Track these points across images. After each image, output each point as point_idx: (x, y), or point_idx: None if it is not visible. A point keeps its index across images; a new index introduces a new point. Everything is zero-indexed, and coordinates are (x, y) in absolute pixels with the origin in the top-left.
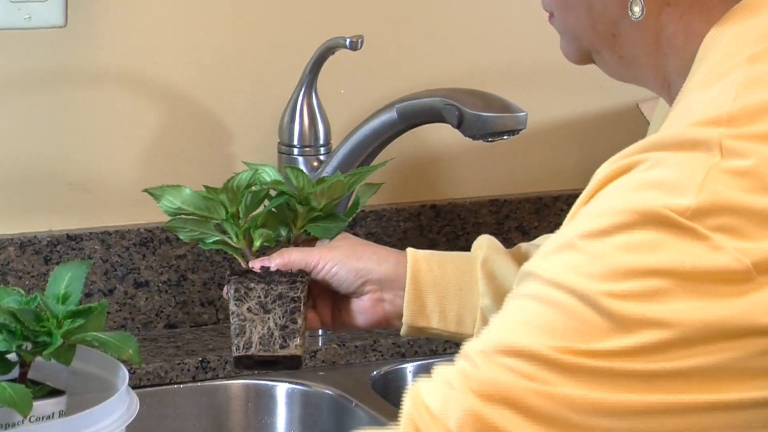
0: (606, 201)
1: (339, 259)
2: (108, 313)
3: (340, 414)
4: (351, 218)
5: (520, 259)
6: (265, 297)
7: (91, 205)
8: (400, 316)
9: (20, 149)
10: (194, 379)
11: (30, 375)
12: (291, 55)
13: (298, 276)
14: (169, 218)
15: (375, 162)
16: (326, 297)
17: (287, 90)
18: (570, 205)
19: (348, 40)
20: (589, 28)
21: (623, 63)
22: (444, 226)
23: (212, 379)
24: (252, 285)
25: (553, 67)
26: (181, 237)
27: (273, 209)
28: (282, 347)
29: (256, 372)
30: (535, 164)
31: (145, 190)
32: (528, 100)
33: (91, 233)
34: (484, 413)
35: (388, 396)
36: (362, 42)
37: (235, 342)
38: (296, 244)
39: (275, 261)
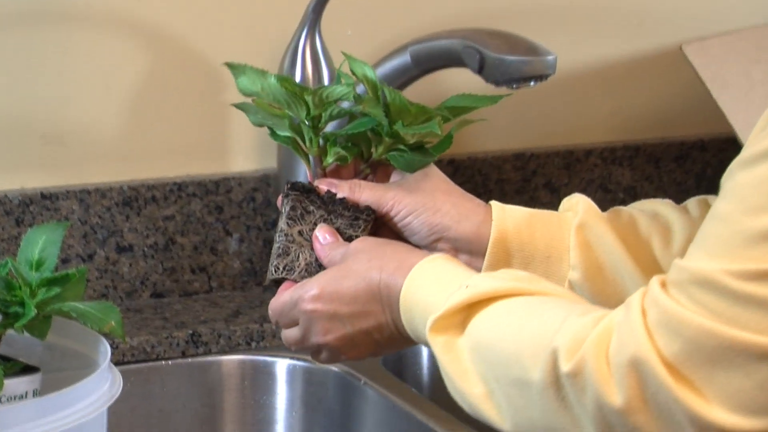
0: None
1: (414, 207)
2: (87, 280)
3: (347, 393)
4: (439, 154)
5: (620, 227)
6: None
7: (67, 161)
8: None
9: None
10: (184, 355)
11: (0, 350)
12: None
13: (363, 213)
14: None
15: None
16: (390, 235)
17: (288, 31)
18: (604, 159)
19: None
20: None
21: None
22: (463, 183)
23: (204, 354)
24: (311, 208)
25: (585, 5)
26: (249, 119)
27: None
28: None
29: None
30: (565, 114)
31: (226, 64)
32: (557, 42)
33: (68, 192)
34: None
35: (402, 374)
36: None
37: (275, 262)
38: (372, 167)
39: (344, 193)
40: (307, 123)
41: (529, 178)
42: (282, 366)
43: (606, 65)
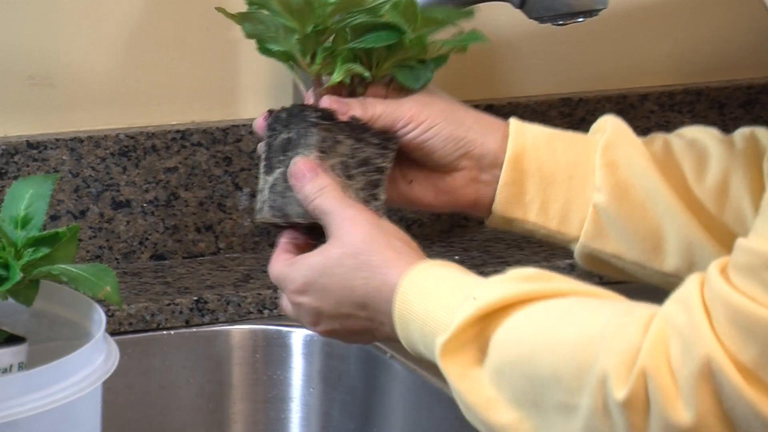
0: None
1: (436, 120)
2: (80, 240)
3: (371, 367)
4: (438, 67)
5: (656, 153)
6: (351, 158)
7: (57, 105)
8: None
9: None
10: (188, 324)
11: None
12: None
13: (390, 141)
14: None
15: None
16: (397, 162)
17: None
18: (662, 105)
19: None
20: None
21: None
22: None
23: (210, 323)
24: (341, 138)
25: None
26: (245, 30)
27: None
28: None
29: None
30: (617, 54)
31: None
32: None
33: (57, 140)
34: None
35: None
36: None
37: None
38: (365, 88)
39: (356, 111)
40: (312, 35)
41: (578, 126)
42: (298, 337)
43: None
